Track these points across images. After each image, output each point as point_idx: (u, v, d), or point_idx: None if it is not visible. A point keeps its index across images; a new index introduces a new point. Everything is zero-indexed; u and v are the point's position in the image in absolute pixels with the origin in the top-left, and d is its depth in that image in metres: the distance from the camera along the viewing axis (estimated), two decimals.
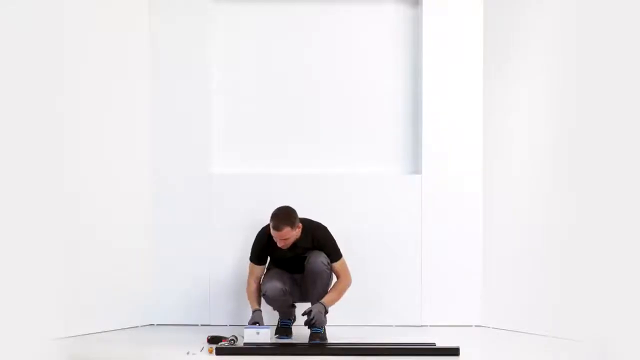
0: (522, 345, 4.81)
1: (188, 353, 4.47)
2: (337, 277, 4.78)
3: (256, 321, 4.66)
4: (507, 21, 5.23)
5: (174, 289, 5.31)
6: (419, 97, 5.41)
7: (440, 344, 4.60)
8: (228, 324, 5.26)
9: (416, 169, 5.46)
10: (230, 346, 4.54)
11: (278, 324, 4.87)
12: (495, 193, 5.27)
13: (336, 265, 4.75)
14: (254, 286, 4.82)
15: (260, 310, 4.75)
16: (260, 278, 4.83)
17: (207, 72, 5.37)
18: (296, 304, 4.96)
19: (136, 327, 5.24)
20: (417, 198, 5.33)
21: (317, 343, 4.64)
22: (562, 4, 4.95)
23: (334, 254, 4.75)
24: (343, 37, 5.49)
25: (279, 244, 4.65)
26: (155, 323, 5.31)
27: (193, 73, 5.34)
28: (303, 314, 4.64)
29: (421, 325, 5.31)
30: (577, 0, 4.85)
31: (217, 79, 5.44)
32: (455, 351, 4.46)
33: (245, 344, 4.58)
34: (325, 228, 4.80)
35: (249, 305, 4.83)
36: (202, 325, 5.28)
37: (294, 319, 5.00)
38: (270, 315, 5.01)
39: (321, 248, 4.73)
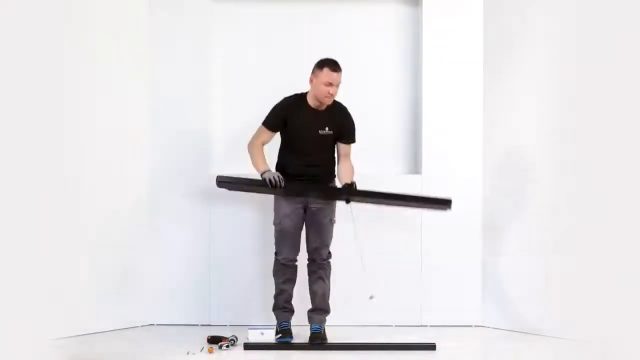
0: (522, 345, 4.81)
1: (188, 353, 4.48)
2: (342, 156, 4.78)
3: (270, 178, 4.57)
4: (507, 21, 5.23)
5: (174, 289, 5.31)
6: (419, 97, 5.41)
7: (440, 344, 4.61)
8: (228, 324, 5.26)
9: (416, 169, 5.46)
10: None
11: (277, 327, 4.85)
12: (495, 193, 5.27)
13: (347, 148, 4.79)
14: (260, 148, 4.74)
15: (270, 170, 4.67)
16: (265, 144, 4.77)
17: (207, 71, 5.37)
18: (294, 310, 4.95)
19: (136, 327, 5.24)
20: None
21: (319, 343, 4.66)
22: (562, 4, 4.96)
23: (353, 137, 4.79)
24: (343, 37, 5.49)
25: (330, 92, 4.60)
26: (155, 323, 5.31)
27: (193, 73, 5.34)
28: (344, 189, 4.63)
29: (421, 325, 5.31)
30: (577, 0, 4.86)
31: (217, 79, 5.44)
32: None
33: (246, 344, 4.61)
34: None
35: (254, 168, 4.74)
36: (202, 325, 5.28)
37: (292, 312, 4.97)
38: (271, 318, 5.02)
39: (346, 128, 4.75)
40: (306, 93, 4.76)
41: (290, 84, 5.38)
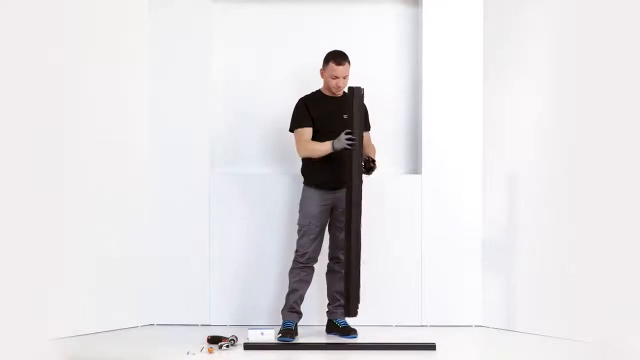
0: (522, 345, 4.81)
1: (188, 353, 4.48)
2: (365, 147, 4.87)
3: (344, 145, 4.57)
4: (507, 21, 5.23)
5: (174, 289, 5.31)
6: (419, 97, 5.41)
7: (440, 344, 4.61)
8: (228, 324, 5.25)
9: (416, 169, 5.46)
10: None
11: (281, 327, 4.85)
12: (495, 193, 5.27)
13: (368, 136, 4.99)
14: (310, 142, 4.78)
15: (331, 140, 4.69)
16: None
17: (207, 71, 5.37)
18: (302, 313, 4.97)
19: (136, 327, 5.23)
20: (417, 198, 5.33)
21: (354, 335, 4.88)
22: (561, 3, 4.96)
23: (368, 124, 5.01)
24: (343, 37, 5.48)
25: (337, 84, 4.79)
26: (155, 323, 5.31)
27: (193, 72, 5.33)
28: (367, 165, 4.77)
29: (421, 325, 5.31)
30: None
31: (217, 79, 5.44)
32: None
33: (246, 344, 4.61)
34: None
35: (320, 150, 4.76)
36: (202, 325, 5.28)
37: (299, 315, 4.97)
38: (272, 318, 5.01)
39: (365, 113, 4.89)
40: (318, 90, 4.93)
41: (290, 84, 5.40)
